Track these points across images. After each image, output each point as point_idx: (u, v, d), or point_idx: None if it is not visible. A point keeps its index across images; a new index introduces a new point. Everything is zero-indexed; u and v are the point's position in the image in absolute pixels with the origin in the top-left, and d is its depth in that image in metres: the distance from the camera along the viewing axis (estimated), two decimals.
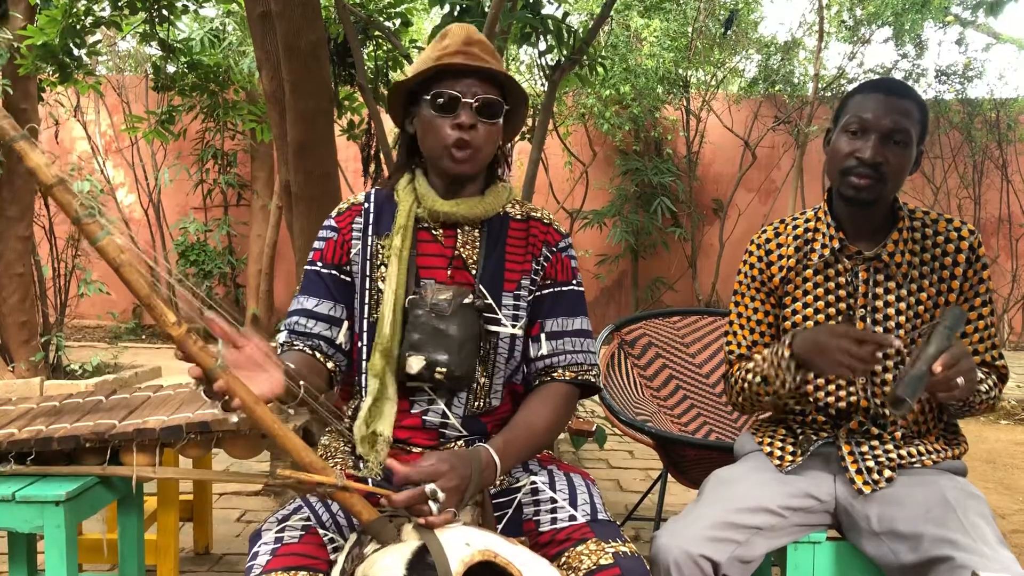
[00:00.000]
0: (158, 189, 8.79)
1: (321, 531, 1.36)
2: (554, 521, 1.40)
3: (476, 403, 1.50)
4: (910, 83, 8.88)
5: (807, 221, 1.75)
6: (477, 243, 1.53)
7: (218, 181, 8.91)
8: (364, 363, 1.50)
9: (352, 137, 4.81)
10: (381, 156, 4.13)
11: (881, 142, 1.57)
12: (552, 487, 1.47)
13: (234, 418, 1.19)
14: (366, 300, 1.52)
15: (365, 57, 4.19)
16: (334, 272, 1.54)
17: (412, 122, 1.54)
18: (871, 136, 1.57)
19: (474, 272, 1.51)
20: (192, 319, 1.23)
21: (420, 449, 1.48)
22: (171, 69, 5.28)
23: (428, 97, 1.47)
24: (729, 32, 8.59)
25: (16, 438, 1.82)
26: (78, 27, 4.18)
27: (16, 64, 4.50)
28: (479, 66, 1.45)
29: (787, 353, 1.57)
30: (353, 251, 1.54)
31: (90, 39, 4.47)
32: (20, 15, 4.90)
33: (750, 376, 1.69)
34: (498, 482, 1.49)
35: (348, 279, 1.54)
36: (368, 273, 1.52)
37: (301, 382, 1.30)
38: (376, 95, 3.74)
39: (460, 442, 1.49)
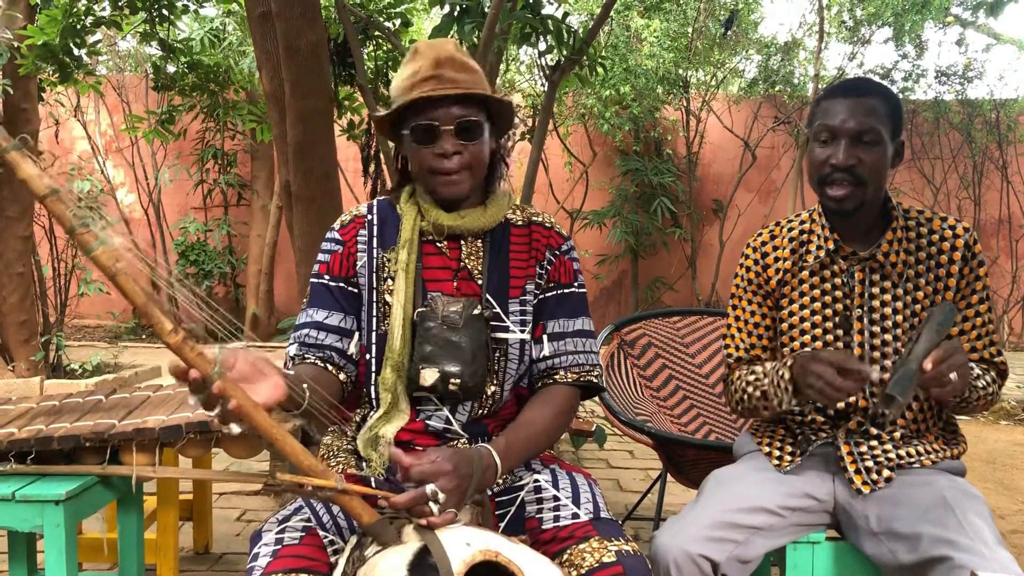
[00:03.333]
0: (158, 189, 8.79)
1: (322, 533, 1.36)
2: (556, 519, 1.41)
3: (482, 410, 1.51)
4: (910, 83, 8.92)
5: (802, 223, 1.76)
6: (481, 253, 1.53)
7: (218, 181, 8.92)
8: (373, 375, 1.50)
9: (352, 137, 4.82)
10: (381, 156, 4.13)
11: (851, 145, 1.56)
12: (555, 485, 1.47)
13: (237, 428, 1.17)
14: (374, 313, 1.51)
15: (365, 57, 4.19)
16: (342, 284, 1.53)
17: (402, 145, 1.54)
18: (840, 141, 1.57)
19: (480, 282, 1.51)
20: (190, 324, 1.22)
21: (422, 448, 1.48)
22: (171, 69, 5.28)
23: (407, 131, 1.46)
24: (729, 32, 8.59)
25: (16, 437, 1.82)
26: (78, 27, 4.18)
27: (16, 64, 4.50)
28: (449, 93, 1.42)
29: (787, 375, 1.57)
30: (359, 264, 1.53)
31: (90, 39, 4.48)
32: (20, 15, 4.90)
33: (750, 389, 1.69)
34: (500, 481, 1.49)
35: (356, 291, 1.53)
36: (375, 286, 1.52)
37: (304, 385, 1.30)
38: (376, 95, 3.74)
39: (463, 442, 1.50)
